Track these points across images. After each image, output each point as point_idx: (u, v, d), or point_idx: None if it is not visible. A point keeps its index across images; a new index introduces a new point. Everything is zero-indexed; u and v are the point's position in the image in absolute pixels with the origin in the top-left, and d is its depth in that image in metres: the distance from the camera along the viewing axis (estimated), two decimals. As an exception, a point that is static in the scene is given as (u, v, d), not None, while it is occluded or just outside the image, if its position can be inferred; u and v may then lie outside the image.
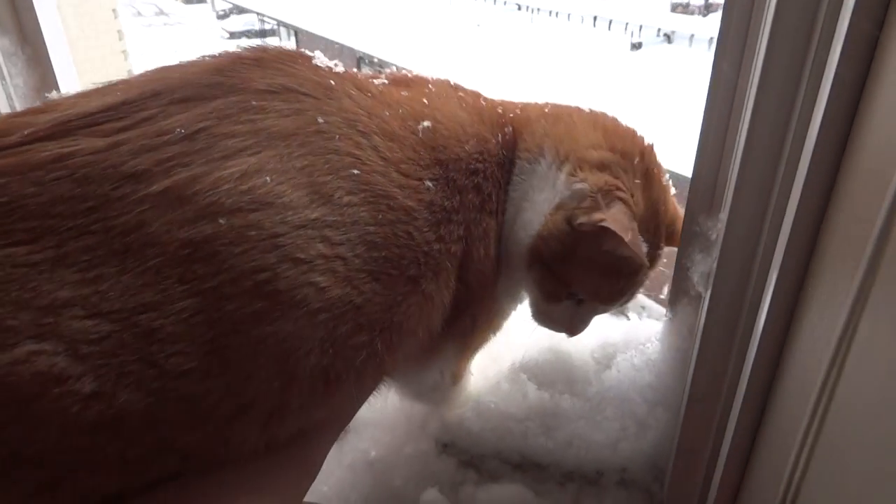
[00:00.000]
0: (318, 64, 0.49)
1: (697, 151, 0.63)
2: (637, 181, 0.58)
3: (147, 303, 0.35)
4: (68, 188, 0.35)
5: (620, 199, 0.54)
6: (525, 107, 0.65)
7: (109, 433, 0.35)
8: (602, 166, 0.57)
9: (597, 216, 0.52)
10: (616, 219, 0.52)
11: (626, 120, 0.65)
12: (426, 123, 0.52)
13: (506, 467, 0.78)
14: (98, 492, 0.37)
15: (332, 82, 0.47)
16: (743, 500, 0.65)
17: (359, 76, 0.53)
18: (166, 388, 0.35)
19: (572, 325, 0.65)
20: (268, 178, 0.39)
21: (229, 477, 0.41)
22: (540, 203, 0.58)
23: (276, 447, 0.43)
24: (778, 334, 0.57)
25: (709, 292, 0.61)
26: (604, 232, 0.51)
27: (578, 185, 0.55)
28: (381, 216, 0.44)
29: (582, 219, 0.53)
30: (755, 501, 0.62)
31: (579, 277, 0.59)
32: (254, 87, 0.42)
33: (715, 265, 0.59)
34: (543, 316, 0.66)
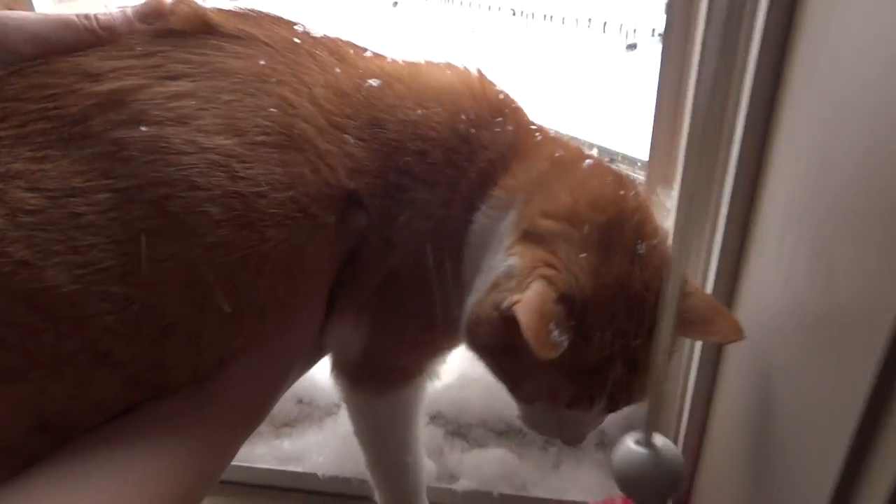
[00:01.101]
0: (299, 29, 0.50)
1: (652, 132, 0.69)
2: (583, 255, 0.46)
3: (76, 187, 0.40)
4: (41, 79, 0.42)
5: (542, 276, 0.44)
6: (554, 139, 0.54)
7: (43, 312, 0.39)
8: (541, 239, 0.47)
9: (514, 298, 0.43)
10: (526, 301, 0.42)
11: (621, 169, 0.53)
12: (372, 82, 0.51)
13: (491, 434, 0.83)
14: (52, 403, 0.40)
15: (299, 41, 0.49)
16: (707, 449, 0.70)
17: (340, 42, 0.52)
18: (89, 280, 0.39)
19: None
20: (194, 102, 0.43)
21: (163, 408, 0.44)
22: (488, 270, 0.49)
23: (206, 377, 0.45)
24: (725, 294, 0.63)
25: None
26: (515, 318, 0.42)
27: (510, 261, 0.46)
28: (291, 157, 0.45)
29: (504, 303, 0.44)
30: (716, 452, 0.68)
31: (521, 373, 0.49)
32: (224, 31, 0.47)
33: (672, 232, 0.65)
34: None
